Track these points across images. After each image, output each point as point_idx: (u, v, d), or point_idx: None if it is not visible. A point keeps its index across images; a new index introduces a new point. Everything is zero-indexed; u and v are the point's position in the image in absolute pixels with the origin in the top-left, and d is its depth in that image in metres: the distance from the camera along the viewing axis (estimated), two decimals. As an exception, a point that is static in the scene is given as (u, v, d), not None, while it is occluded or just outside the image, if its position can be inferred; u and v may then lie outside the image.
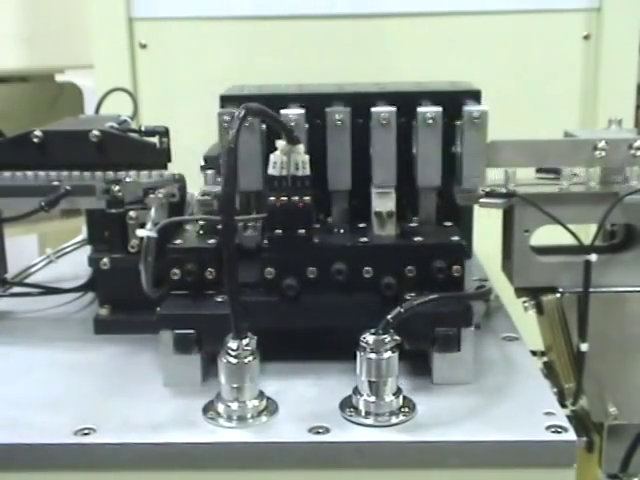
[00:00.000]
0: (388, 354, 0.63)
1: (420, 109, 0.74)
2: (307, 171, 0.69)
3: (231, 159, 0.63)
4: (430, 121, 0.74)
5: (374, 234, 0.73)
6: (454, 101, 0.75)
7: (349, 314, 0.70)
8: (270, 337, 0.66)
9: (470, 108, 0.74)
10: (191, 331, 0.69)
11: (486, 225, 0.85)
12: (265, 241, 0.71)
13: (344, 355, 0.68)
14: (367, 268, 0.70)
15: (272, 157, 0.69)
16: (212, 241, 0.73)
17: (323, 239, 0.72)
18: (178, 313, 0.70)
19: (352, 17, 1.38)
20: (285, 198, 0.69)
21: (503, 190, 0.76)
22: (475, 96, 0.78)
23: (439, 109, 0.74)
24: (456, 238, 0.72)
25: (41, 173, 0.82)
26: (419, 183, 0.76)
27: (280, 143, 0.69)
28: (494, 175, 0.77)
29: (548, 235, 0.77)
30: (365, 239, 0.72)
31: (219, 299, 0.71)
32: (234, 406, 0.64)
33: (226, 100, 0.77)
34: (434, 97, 0.76)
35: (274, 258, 0.70)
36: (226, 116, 0.73)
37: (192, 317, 0.70)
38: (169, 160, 0.84)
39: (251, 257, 0.71)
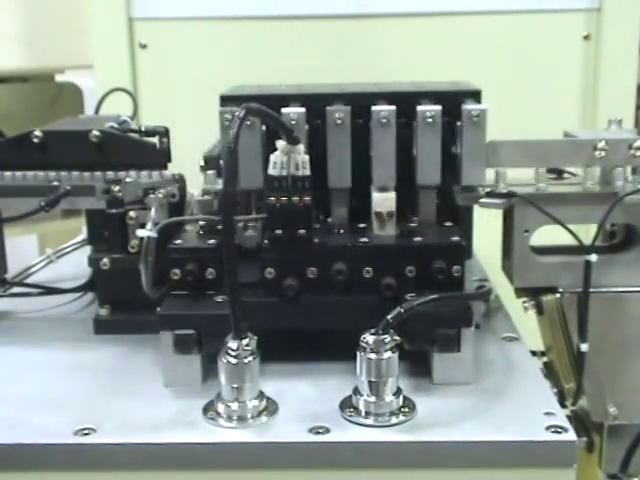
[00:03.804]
0: (388, 354, 0.63)
1: (420, 108, 0.74)
2: (307, 171, 0.69)
3: (231, 159, 0.63)
4: (430, 120, 0.74)
5: (374, 234, 0.73)
6: (454, 101, 0.75)
7: (349, 314, 0.70)
8: (270, 337, 0.66)
9: (469, 107, 0.74)
10: (191, 331, 0.69)
11: (486, 225, 0.85)
12: (265, 241, 0.71)
13: (344, 355, 0.68)
14: (367, 268, 0.70)
15: (272, 157, 0.69)
16: (212, 241, 0.73)
17: (323, 239, 0.72)
18: (178, 313, 0.70)
19: (352, 17, 1.38)
20: (285, 198, 0.69)
21: (503, 190, 0.76)
22: (475, 96, 0.78)
23: (439, 108, 0.74)
24: (456, 238, 0.72)
25: (41, 173, 0.82)
26: (419, 182, 0.75)
27: (280, 143, 0.69)
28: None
29: (548, 235, 0.78)
30: (365, 239, 0.72)
31: (219, 299, 0.71)
32: (234, 406, 0.64)
33: (226, 100, 0.77)
34: (434, 97, 0.76)
35: (274, 258, 0.70)
36: (227, 115, 0.73)
37: (192, 317, 0.70)
38: (169, 160, 0.84)
39: (251, 257, 0.71)
